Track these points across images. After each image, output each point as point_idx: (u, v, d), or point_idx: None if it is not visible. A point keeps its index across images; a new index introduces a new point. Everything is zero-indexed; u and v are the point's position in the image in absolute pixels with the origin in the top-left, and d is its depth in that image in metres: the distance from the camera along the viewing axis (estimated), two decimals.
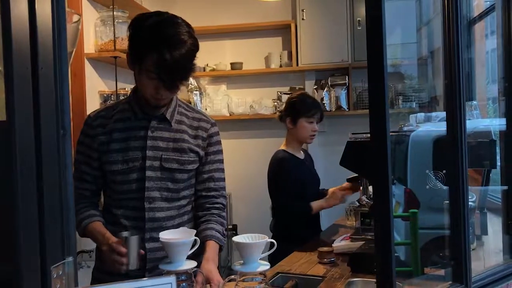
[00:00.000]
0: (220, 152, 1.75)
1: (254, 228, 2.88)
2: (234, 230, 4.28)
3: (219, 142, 1.76)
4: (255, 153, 4.31)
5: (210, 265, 1.55)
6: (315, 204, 2.57)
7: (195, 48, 1.53)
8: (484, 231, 2.02)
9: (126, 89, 3.35)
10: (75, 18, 2.42)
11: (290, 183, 2.57)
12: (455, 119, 1.21)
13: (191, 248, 1.42)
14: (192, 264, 1.39)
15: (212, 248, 1.61)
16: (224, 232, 1.70)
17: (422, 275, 1.60)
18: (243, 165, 4.33)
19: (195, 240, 1.43)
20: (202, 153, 1.70)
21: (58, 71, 0.75)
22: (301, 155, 2.72)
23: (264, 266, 1.37)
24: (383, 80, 1.02)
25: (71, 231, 0.77)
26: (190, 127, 1.70)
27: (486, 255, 1.94)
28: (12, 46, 0.66)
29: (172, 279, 0.84)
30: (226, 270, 4.32)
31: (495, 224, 2.04)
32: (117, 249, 1.48)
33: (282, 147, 2.69)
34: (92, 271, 1.76)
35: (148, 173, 1.61)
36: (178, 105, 1.70)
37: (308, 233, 2.59)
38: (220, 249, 1.67)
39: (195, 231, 1.46)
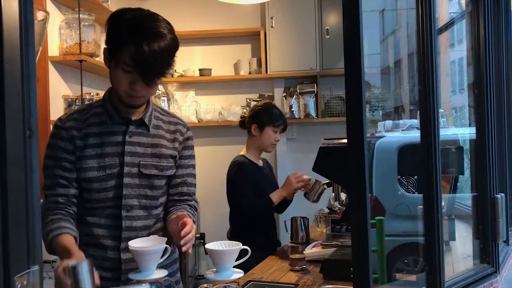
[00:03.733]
0: (193, 157, 1.71)
1: (223, 237, 2.85)
2: (202, 239, 4.21)
3: (193, 148, 1.72)
4: (224, 160, 4.25)
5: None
6: (274, 195, 2.56)
7: (175, 44, 1.48)
8: (452, 237, 2.06)
9: (92, 93, 3.27)
10: (42, 15, 2.32)
11: (248, 185, 2.58)
12: (429, 123, 1.22)
13: (162, 256, 1.37)
14: (163, 273, 1.35)
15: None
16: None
17: (388, 282, 1.60)
18: (212, 172, 4.28)
19: (166, 248, 1.39)
20: (178, 156, 1.65)
21: (25, 67, 0.71)
22: (259, 163, 2.77)
23: (238, 273, 1.35)
24: (361, 84, 1.01)
25: (36, 238, 0.72)
26: (168, 131, 1.64)
27: (455, 260, 1.97)
28: None
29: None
30: (193, 280, 4.24)
31: (461, 230, 2.07)
32: (60, 281, 1.27)
33: (242, 153, 2.75)
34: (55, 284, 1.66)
35: (126, 180, 1.54)
36: (154, 109, 1.65)
37: (263, 240, 2.59)
38: None
39: (166, 239, 1.42)
